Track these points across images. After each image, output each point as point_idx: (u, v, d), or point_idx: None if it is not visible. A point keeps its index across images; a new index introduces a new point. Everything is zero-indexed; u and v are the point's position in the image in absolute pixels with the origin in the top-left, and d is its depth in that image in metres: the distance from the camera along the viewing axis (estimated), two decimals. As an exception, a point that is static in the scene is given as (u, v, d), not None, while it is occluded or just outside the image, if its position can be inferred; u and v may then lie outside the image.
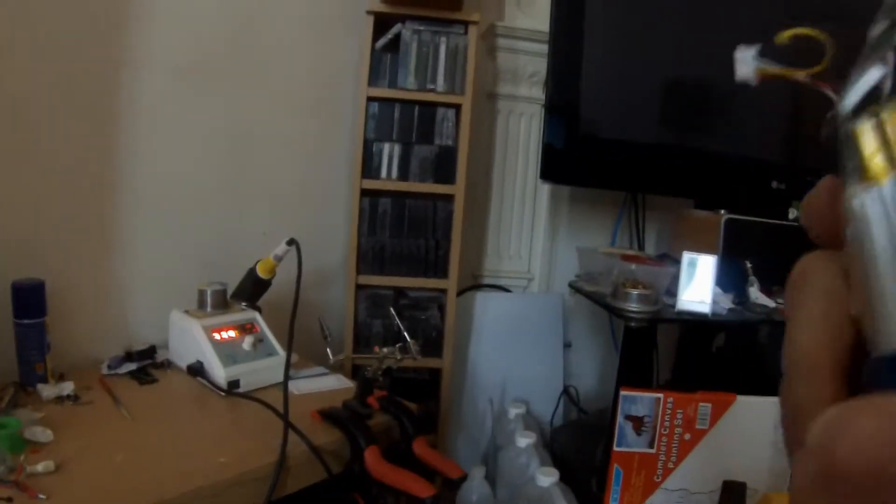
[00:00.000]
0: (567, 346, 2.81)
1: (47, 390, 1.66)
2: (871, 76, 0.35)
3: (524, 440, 2.23)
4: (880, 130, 0.32)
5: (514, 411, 2.48)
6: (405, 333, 1.73)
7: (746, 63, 0.45)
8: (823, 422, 0.26)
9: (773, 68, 0.44)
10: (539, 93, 2.68)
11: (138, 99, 1.99)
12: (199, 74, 2.10)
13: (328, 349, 1.74)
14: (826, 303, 0.30)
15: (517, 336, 2.71)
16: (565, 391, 2.76)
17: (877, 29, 0.36)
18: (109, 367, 1.86)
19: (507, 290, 2.80)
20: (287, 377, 1.60)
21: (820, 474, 0.25)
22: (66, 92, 1.85)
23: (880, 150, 0.32)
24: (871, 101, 0.34)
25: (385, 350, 1.66)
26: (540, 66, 2.61)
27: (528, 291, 2.84)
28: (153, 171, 2.04)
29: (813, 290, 0.31)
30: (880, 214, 0.30)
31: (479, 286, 2.76)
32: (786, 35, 0.43)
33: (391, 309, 1.95)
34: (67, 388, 1.67)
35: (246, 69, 2.21)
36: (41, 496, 1.19)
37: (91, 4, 1.87)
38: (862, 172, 0.32)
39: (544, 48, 2.43)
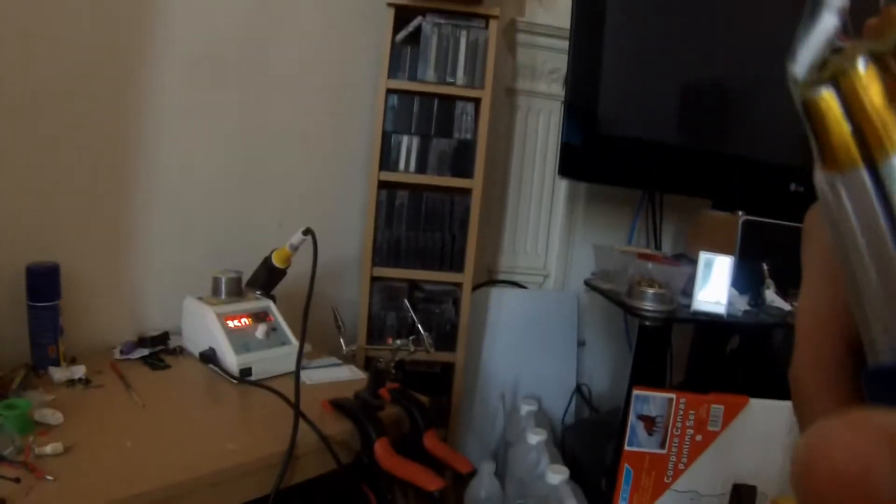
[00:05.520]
0: (581, 344, 2.80)
1: (59, 373, 1.67)
2: (824, 25, 0.30)
3: (535, 437, 2.22)
4: (845, 99, 0.27)
5: (525, 408, 2.47)
6: (419, 326, 1.72)
7: None
8: (804, 442, 0.25)
9: None
10: (558, 89, 2.67)
11: (155, 89, 1.99)
12: (216, 66, 2.10)
13: (341, 339, 1.73)
14: (824, 262, 0.28)
15: (531, 333, 2.71)
16: (578, 389, 2.75)
17: None
18: (122, 352, 1.87)
19: (522, 287, 2.79)
20: (299, 366, 1.59)
21: (802, 493, 0.24)
22: (83, 81, 1.85)
23: (847, 126, 0.27)
24: (829, 60, 0.29)
25: (399, 342, 1.66)
26: (560, 63, 2.59)
27: (544, 288, 2.83)
28: (168, 160, 2.05)
29: (812, 248, 0.29)
30: (853, 207, 0.26)
31: (494, 282, 2.75)
32: None
33: (405, 301, 1.95)
34: (79, 371, 1.68)
35: (262, 61, 2.21)
36: (49, 477, 1.19)
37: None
38: (826, 156, 0.27)
39: (564, 45, 2.41)
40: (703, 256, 2.00)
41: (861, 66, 0.27)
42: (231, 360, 1.74)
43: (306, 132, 2.35)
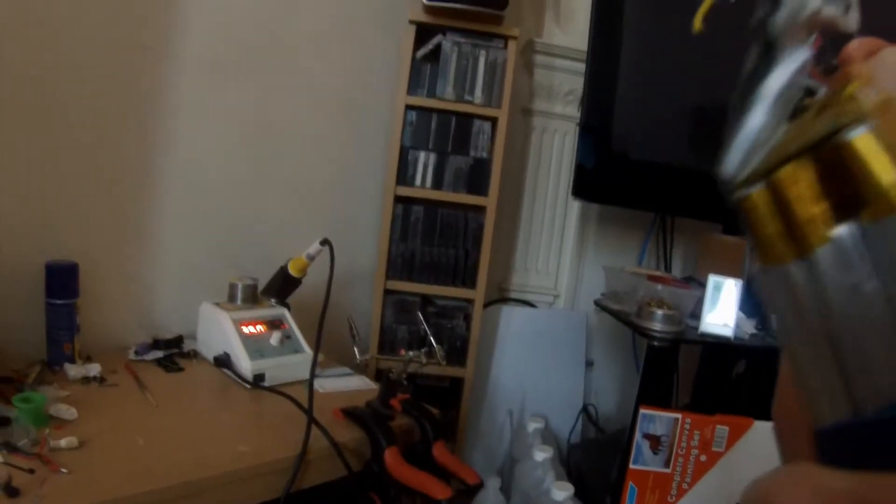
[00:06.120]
0: (589, 364, 2.81)
1: (74, 370, 1.69)
2: (753, 123, 0.32)
3: (541, 454, 2.23)
4: (776, 196, 0.28)
5: (532, 425, 2.48)
6: (431, 338, 1.74)
7: None
8: (754, 492, 0.28)
9: None
10: (574, 111, 2.69)
11: (171, 89, 2.02)
12: (233, 68, 2.13)
13: (355, 348, 1.75)
14: None
15: (540, 351, 2.72)
16: (584, 409, 2.76)
17: (750, 58, 0.32)
18: (136, 353, 1.89)
19: (532, 305, 2.81)
20: (313, 373, 1.61)
21: None
22: (99, 78, 1.88)
23: (773, 224, 0.28)
24: (757, 161, 0.31)
25: (411, 353, 1.67)
26: (576, 85, 2.62)
27: (554, 308, 2.84)
28: (184, 163, 2.07)
29: None
30: (785, 298, 0.28)
31: (505, 299, 2.77)
32: None
33: (419, 314, 1.96)
34: (94, 369, 1.70)
35: (280, 66, 2.23)
36: (63, 470, 1.21)
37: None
38: (759, 251, 0.29)
39: (581, 66, 2.45)
40: (712, 279, 2.02)
41: (789, 163, 0.28)
42: (245, 365, 1.76)
43: (320, 141, 2.37)
